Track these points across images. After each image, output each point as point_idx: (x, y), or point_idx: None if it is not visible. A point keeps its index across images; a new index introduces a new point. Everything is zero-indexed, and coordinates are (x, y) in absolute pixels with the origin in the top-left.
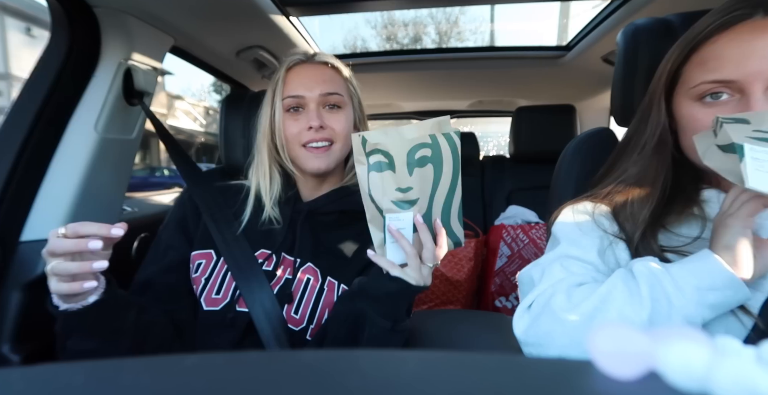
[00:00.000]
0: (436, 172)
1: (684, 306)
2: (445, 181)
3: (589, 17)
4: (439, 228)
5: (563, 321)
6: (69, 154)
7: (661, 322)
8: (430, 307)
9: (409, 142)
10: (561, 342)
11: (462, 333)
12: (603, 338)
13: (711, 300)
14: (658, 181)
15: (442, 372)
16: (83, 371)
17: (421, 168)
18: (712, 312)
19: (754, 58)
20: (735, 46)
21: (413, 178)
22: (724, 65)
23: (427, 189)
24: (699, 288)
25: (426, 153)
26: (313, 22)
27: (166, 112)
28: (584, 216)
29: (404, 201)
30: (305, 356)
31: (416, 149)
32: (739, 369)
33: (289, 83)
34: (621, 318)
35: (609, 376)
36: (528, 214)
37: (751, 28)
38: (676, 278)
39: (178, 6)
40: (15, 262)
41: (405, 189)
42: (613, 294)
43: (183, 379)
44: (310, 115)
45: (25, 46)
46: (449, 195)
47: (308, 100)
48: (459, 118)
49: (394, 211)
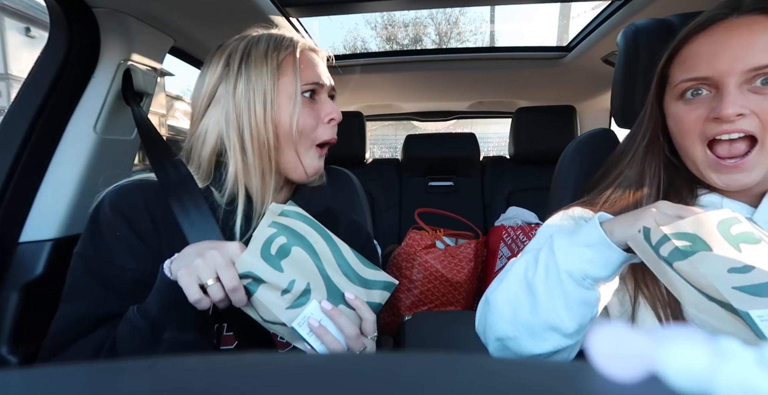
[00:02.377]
0: (307, 250)
1: (564, 261)
2: (321, 249)
3: (590, 18)
4: (353, 301)
5: (489, 301)
6: (68, 155)
7: (552, 279)
8: (430, 308)
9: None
10: (491, 320)
11: (462, 334)
12: (603, 339)
13: (589, 256)
14: (653, 184)
15: (442, 373)
16: (82, 373)
17: (287, 257)
18: (597, 268)
19: (725, 54)
20: (708, 44)
21: (287, 271)
22: (699, 63)
23: (311, 269)
24: (576, 245)
25: (280, 241)
26: (313, 23)
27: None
28: (570, 220)
29: (297, 298)
30: (305, 358)
31: (266, 247)
32: (740, 371)
33: (305, 69)
34: (526, 283)
35: (609, 378)
36: (528, 215)
37: (726, 27)
38: (561, 238)
39: (177, 7)
40: (14, 263)
41: (288, 286)
42: (522, 264)
43: (183, 380)
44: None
45: (24, 46)
46: (337, 257)
47: (323, 89)
48: (459, 118)
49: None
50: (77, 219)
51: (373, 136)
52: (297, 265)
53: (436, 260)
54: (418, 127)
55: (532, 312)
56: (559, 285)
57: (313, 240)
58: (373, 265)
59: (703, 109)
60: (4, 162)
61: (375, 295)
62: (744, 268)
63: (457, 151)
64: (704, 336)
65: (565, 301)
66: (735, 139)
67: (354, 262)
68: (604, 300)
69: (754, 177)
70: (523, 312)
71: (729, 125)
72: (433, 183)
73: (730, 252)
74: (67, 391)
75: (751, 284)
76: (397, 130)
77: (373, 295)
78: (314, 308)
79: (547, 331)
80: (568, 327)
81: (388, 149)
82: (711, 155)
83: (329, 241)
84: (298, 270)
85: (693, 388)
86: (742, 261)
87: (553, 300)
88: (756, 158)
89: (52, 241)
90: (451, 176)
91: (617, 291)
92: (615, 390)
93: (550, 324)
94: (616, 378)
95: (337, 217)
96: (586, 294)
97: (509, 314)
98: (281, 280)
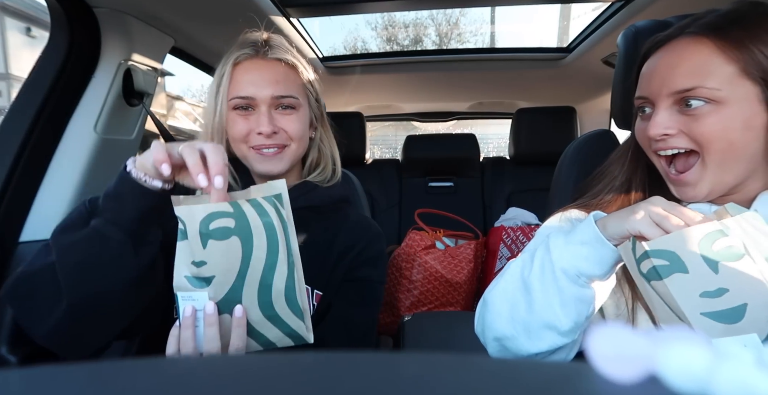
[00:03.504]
0: (245, 247)
1: (559, 259)
2: (258, 257)
3: (590, 19)
4: (238, 318)
5: (486, 301)
6: (68, 155)
7: (548, 277)
8: (430, 309)
9: (203, 208)
10: (489, 319)
11: (461, 334)
12: (602, 340)
13: (584, 253)
14: (638, 189)
15: (442, 373)
16: (82, 372)
17: (220, 241)
18: (591, 266)
19: (656, 77)
20: (651, 64)
21: (207, 251)
22: (642, 83)
23: (230, 267)
24: (570, 242)
25: (226, 223)
26: (313, 24)
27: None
28: (567, 222)
29: (198, 277)
30: (305, 358)
31: (213, 218)
32: (739, 373)
33: (237, 81)
34: (522, 281)
35: (608, 379)
36: (528, 216)
37: (666, 49)
38: (557, 237)
39: (178, 7)
40: (14, 263)
41: (198, 263)
42: (519, 263)
43: (182, 381)
44: (261, 120)
45: (25, 46)
46: (268, 275)
47: (258, 102)
48: (459, 119)
49: (188, 289)
50: None
51: (373, 137)
52: (222, 253)
53: (435, 261)
54: (418, 128)
55: (528, 310)
56: (554, 283)
57: (257, 243)
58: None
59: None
60: (5, 161)
61: (271, 331)
62: (716, 292)
63: (457, 152)
64: (703, 338)
65: (560, 298)
66: (682, 153)
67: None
68: (601, 299)
69: (701, 190)
70: (520, 310)
71: (661, 143)
72: (433, 183)
73: (706, 276)
74: (67, 391)
75: (718, 310)
76: (397, 130)
77: (269, 330)
78: (202, 298)
79: (543, 329)
80: (564, 325)
81: (388, 149)
82: (664, 167)
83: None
84: (218, 258)
85: (692, 389)
86: (717, 284)
87: (549, 298)
88: (698, 172)
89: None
90: (451, 177)
91: (613, 293)
92: (614, 391)
93: (546, 322)
94: (615, 378)
95: (346, 215)
96: (580, 291)
97: (507, 313)
98: (198, 253)
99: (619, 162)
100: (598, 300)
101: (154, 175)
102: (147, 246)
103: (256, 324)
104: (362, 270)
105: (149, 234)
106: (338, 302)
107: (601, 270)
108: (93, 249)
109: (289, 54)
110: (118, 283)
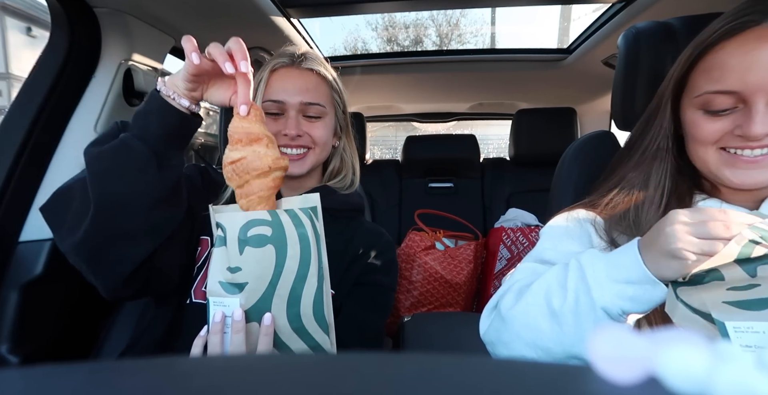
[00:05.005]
0: (279, 256)
1: (601, 297)
2: (290, 267)
3: (590, 20)
4: (266, 327)
5: (505, 318)
6: (68, 155)
7: (584, 313)
8: (430, 310)
9: (243, 216)
10: (506, 338)
11: (461, 335)
12: (602, 342)
13: (630, 293)
14: (658, 188)
15: (442, 374)
16: (82, 372)
17: (256, 248)
18: (637, 305)
19: (757, 68)
20: (739, 55)
21: (243, 257)
22: (727, 75)
23: (263, 274)
24: (616, 281)
25: (263, 231)
26: (313, 24)
27: None
28: (575, 222)
29: (232, 283)
30: (305, 358)
31: (251, 225)
32: (739, 374)
33: (272, 86)
34: (549, 310)
35: (608, 380)
36: (528, 217)
37: (758, 37)
38: (597, 270)
39: (178, 7)
40: (14, 262)
41: (234, 268)
42: (544, 286)
43: (181, 381)
44: (289, 123)
45: (25, 46)
46: (298, 286)
47: (288, 107)
48: (459, 120)
49: (220, 295)
50: None
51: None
52: (257, 261)
53: (435, 261)
54: (418, 129)
55: (555, 341)
56: (593, 322)
57: (291, 253)
58: (327, 318)
59: (725, 123)
60: (5, 161)
61: (296, 343)
62: (747, 286)
63: (457, 153)
64: (703, 339)
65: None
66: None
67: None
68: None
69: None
70: (544, 338)
71: (755, 143)
72: (433, 184)
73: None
74: (67, 391)
75: (744, 299)
76: (397, 131)
77: (295, 342)
78: (233, 305)
79: (567, 359)
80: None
81: (389, 150)
82: (725, 158)
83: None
84: (253, 265)
85: (692, 391)
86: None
87: (582, 333)
88: None
89: (52, 241)
90: (451, 177)
91: None
92: (614, 392)
93: (573, 354)
94: (615, 380)
95: (361, 222)
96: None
97: (529, 338)
98: (234, 259)
99: (631, 161)
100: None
101: (182, 93)
102: (170, 168)
103: (282, 334)
104: (375, 275)
105: (173, 157)
106: (351, 304)
107: (647, 307)
108: (119, 158)
109: (322, 66)
110: (141, 197)
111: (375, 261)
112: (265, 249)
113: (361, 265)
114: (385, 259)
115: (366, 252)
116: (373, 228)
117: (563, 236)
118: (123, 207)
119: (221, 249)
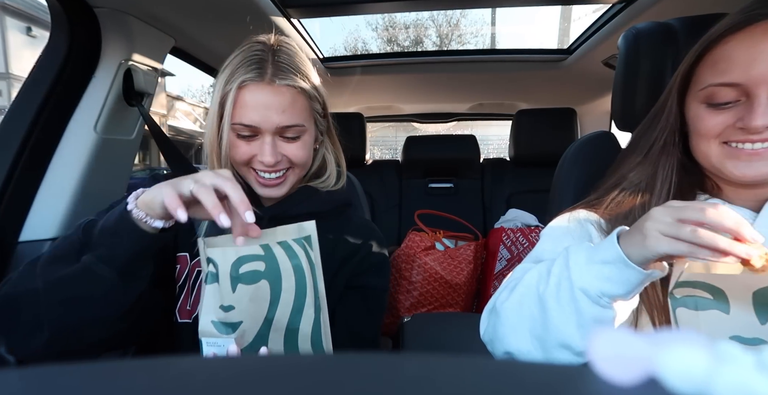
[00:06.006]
0: (273, 291)
1: (579, 278)
2: (286, 300)
3: (591, 21)
4: None
5: (500, 312)
6: (68, 155)
7: (564, 295)
8: (430, 310)
9: (234, 251)
10: (501, 332)
11: (461, 335)
12: (602, 342)
13: (606, 273)
14: (665, 183)
15: (441, 374)
16: (82, 372)
17: (249, 285)
18: (614, 286)
19: (761, 61)
20: (744, 48)
21: (236, 295)
22: (732, 68)
23: (258, 313)
24: (593, 262)
25: (256, 266)
26: (313, 24)
27: (166, 112)
28: (576, 223)
29: (225, 323)
30: (305, 358)
31: (243, 261)
32: (739, 375)
33: (241, 106)
34: (538, 296)
35: (608, 380)
36: (528, 218)
37: (764, 30)
38: (579, 255)
39: (179, 7)
40: (14, 262)
41: (227, 307)
42: (535, 276)
43: (181, 382)
44: (265, 150)
45: (25, 46)
46: (295, 319)
47: (263, 131)
48: (459, 120)
49: (213, 335)
50: (77, 219)
51: (373, 138)
52: (250, 298)
53: (435, 262)
54: (418, 129)
55: (543, 328)
56: (573, 303)
57: (286, 286)
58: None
59: (728, 116)
60: (5, 161)
61: None
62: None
63: (458, 153)
64: (703, 340)
65: (578, 319)
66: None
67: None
68: (621, 318)
69: None
70: (537, 326)
71: (755, 136)
72: (433, 184)
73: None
74: (67, 391)
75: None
76: (397, 131)
77: None
78: (226, 345)
79: (558, 348)
80: (579, 345)
81: (389, 150)
82: (729, 150)
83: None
84: (246, 303)
85: (692, 391)
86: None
87: (565, 317)
88: None
89: (52, 241)
90: (451, 178)
91: None
92: (614, 393)
93: (561, 342)
94: (615, 380)
95: (349, 217)
96: (601, 312)
97: (524, 329)
98: (227, 297)
99: (635, 159)
100: (619, 320)
101: (157, 216)
102: (137, 281)
103: None
104: (366, 277)
105: (141, 270)
106: (343, 311)
107: (625, 289)
108: (82, 287)
109: (298, 74)
110: (105, 315)
111: (366, 261)
112: (258, 286)
113: (351, 267)
114: (376, 259)
115: (356, 251)
116: (362, 225)
117: (563, 236)
118: (81, 328)
119: (213, 286)
